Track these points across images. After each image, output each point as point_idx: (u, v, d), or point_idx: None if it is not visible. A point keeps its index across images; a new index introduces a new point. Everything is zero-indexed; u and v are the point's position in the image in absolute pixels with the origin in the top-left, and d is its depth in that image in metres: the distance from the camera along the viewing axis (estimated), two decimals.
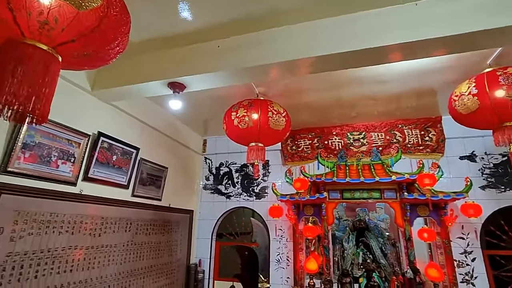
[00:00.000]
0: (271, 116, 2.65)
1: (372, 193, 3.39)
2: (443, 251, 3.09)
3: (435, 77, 2.81)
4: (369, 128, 3.90)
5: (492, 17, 1.76)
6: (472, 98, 2.24)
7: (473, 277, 3.13)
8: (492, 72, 2.19)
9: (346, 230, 3.77)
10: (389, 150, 3.73)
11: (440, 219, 3.13)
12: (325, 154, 3.97)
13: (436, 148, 3.60)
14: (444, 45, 1.90)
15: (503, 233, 3.28)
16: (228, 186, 4.31)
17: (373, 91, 3.10)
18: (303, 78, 2.92)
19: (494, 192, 3.32)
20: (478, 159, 3.47)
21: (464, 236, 3.26)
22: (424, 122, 3.71)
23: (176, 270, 3.73)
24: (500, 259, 3.23)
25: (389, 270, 3.28)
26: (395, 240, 3.55)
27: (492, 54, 2.37)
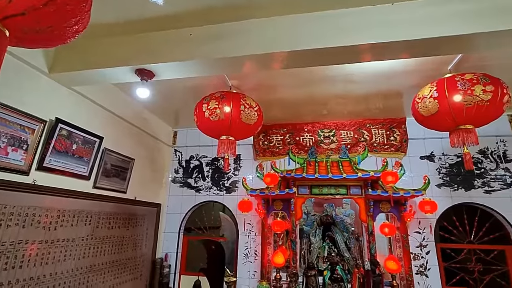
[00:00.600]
0: (243, 110, 2.62)
1: (339, 189, 3.50)
2: (401, 245, 3.28)
3: (401, 79, 2.94)
4: (339, 126, 4.01)
5: (455, 25, 1.86)
6: (433, 101, 2.36)
7: (427, 268, 3.36)
8: (451, 78, 2.32)
9: (313, 224, 3.88)
10: (356, 148, 3.87)
11: (400, 214, 3.31)
12: (296, 150, 4.02)
13: (399, 147, 3.79)
14: (410, 48, 1.99)
15: (454, 228, 3.55)
16: (198, 179, 4.23)
17: (344, 90, 3.18)
18: (277, 74, 2.91)
19: (449, 190, 3.57)
20: (436, 159, 3.71)
21: (421, 231, 3.48)
22: (389, 122, 3.88)
23: (141, 265, 3.61)
24: (451, 251, 3.49)
25: (352, 263, 3.42)
26: (358, 234, 3.70)
27: (452, 60, 2.51)
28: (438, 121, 2.46)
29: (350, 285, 3.13)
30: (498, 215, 3.42)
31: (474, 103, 2.19)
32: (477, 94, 2.18)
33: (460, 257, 3.45)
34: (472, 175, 3.57)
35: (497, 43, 1.93)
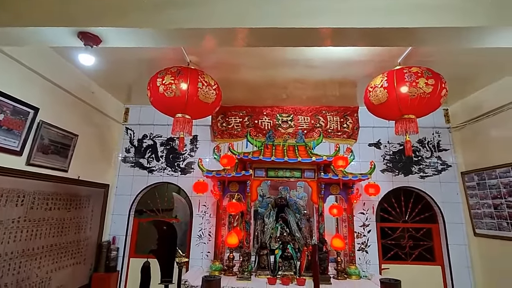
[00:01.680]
0: (201, 88, 2.51)
1: (294, 173, 3.62)
2: (347, 225, 3.54)
3: (356, 69, 3.06)
4: (297, 111, 4.09)
5: (404, 18, 1.95)
6: (383, 90, 2.51)
7: (368, 245, 3.69)
8: (400, 70, 2.48)
9: (268, 206, 3.98)
10: (312, 133, 4.00)
11: (347, 197, 3.55)
12: (255, 133, 4.03)
13: (351, 134, 4.01)
14: (365, 36, 2.04)
15: (392, 209, 3.93)
16: (151, 160, 4.03)
17: (304, 75, 3.22)
18: (239, 53, 2.83)
19: (390, 175, 3.91)
20: (382, 146, 4.02)
21: (364, 212, 3.78)
22: (344, 110, 4.07)
23: (84, 249, 3.37)
24: (388, 230, 3.87)
25: (303, 242, 3.61)
26: (309, 215, 3.90)
27: (402, 53, 2.67)
28: (386, 110, 2.63)
29: (299, 262, 3.30)
30: (429, 197, 3.86)
31: (418, 95, 2.37)
32: (421, 86, 2.36)
33: (396, 235, 3.85)
34: (411, 162, 3.95)
35: (438, 39, 2.09)
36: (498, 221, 3.34)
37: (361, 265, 3.57)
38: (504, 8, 1.94)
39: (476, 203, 3.64)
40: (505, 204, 3.24)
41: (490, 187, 3.44)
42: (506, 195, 3.22)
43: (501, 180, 3.29)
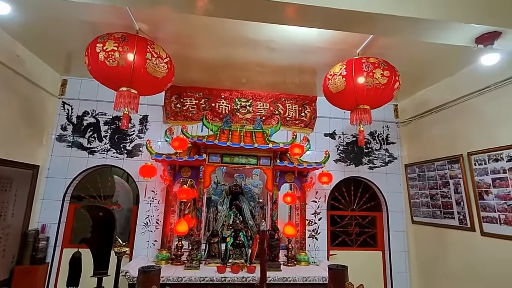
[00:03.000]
0: (149, 59, 2.24)
1: (250, 159, 3.52)
2: (299, 212, 3.57)
3: (316, 56, 3.01)
4: (256, 97, 3.97)
5: (370, 2, 1.92)
6: (342, 79, 2.50)
7: (318, 232, 3.78)
8: (359, 59, 2.49)
9: (222, 194, 3.85)
10: (270, 120, 3.93)
11: (301, 185, 3.57)
12: (211, 116, 3.83)
13: (308, 123, 4.02)
14: (328, 18, 1.97)
15: (342, 198, 4.07)
16: (92, 140, 3.59)
17: (265, 58, 3.09)
18: (196, 27, 2.59)
19: (343, 165, 4.03)
20: (337, 137, 4.11)
21: (317, 200, 3.85)
22: (302, 99, 4.06)
23: (4, 238, 2.90)
24: (337, 218, 4.01)
25: (255, 230, 3.56)
26: (264, 203, 3.87)
27: (362, 43, 2.68)
28: (344, 99, 2.63)
29: (251, 249, 3.25)
30: (375, 187, 4.07)
31: (373, 85, 2.40)
32: (377, 77, 2.39)
33: (344, 222, 4.01)
34: (362, 153, 4.11)
35: (396, 28, 2.11)
36: (432, 210, 3.64)
37: (311, 252, 3.65)
38: (452, 4, 2.01)
39: (416, 193, 3.93)
40: (439, 194, 3.54)
41: (428, 178, 3.72)
42: (441, 186, 3.52)
43: (438, 173, 3.57)
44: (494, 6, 2.05)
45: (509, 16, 2.04)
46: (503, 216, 2.78)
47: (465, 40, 2.19)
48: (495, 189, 2.86)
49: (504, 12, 2.04)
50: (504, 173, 2.78)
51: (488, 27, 2.01)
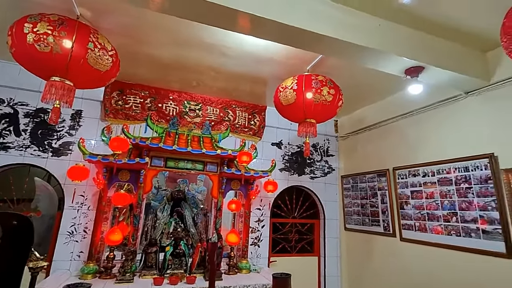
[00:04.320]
0: (92, 49, 2.01)
1: (196, 165, 3.41)
2: (243, 220, 3.57)
3: (269, 67, 3.10)
4: (206, 101, 3.89)
5: (323, 25, 2.06)
6: (292, 92, 2.61)
7: (260, 240, 3.83)
8: (309, 76, 2.63)
9: (163, 200, 3.63)
10: (219, 126, 3.88)
11: (247, 192, 3.58)
12: (157, 117, 3.61)
13: (257, 132, 4.09)
14: (281, 32, 2.05)
15: (285, 206, 4.22)
16: (7, 134, 3.04)
17: (218, 63, 3.05)
18: (148, 23, 2.43)
19: (287, 174, 4.19)
20: (283, 147, 4.26)
21: (261, 208, 3.91)
22: (253, 107, 4.12)
23: None
24: (279, 225, 4.14)
25: (197, 238, 3.44)
26: (207, 210, 3.77)
27: (312, 61, 2.85)
28: (293, 111, 2.74)
29: (192, 259, 3.12)
30: (315, 196, 4.33)
31: (320, 101, 2.56)
32: (324, 94, 2.55)
33: (285, 229, 4.15)
34: (305, 164, 4.34)
35: (343, 52, 2.30)
36: (362, 218, 4.02)
37: (252, 259, 3.67)
38: (390, 37, 2.28)
39: (349, 202, 4.30)
40: (369, 204, 3.93)
41: (360, 189, 4.11)
42: (371, 196, 3.91)
43: (368, 184, 3.97)
44: (420, 45, 2.40)
45: (430, 55, 2.41)
46: (418, 223, 3.21)
47: (397, 70, 2.51)
48: (413, 200, 3.30)
49: (427, 51, 2.41)
50: (420, 186, 3.23)
51: (415, 62, 2.34)
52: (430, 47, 2.45)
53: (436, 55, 2.44)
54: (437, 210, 3.02)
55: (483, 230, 2.60)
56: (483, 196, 2.63)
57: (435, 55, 2.44)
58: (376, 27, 2.25)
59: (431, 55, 2.40)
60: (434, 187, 3.08)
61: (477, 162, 2.70)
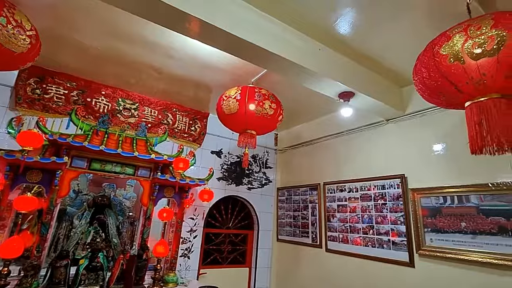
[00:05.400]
0: (3, 25, 1.71)
1: (126, 168, 3.13)
2: (174, 230, 3.38)
3: (214, 75, 3.07)
4: (145, 101, 3.64)
5: (269, 41, 2.13)
6: (235, 102, 2.61)
7: (191, 251, 3.66)
8: (252, 88, 2.68)
9: (82, 206, 3.22)
10: (157, 129, 3.66)
11: (181, 201, 3.42)
12: (83, 113, 3.22)
13: (197, 138, 3.97)
14: (228, 42, 2.06)
15: (220, 216, 4.15)
16: None
17: (162, 64, 2.90)
18: (82, 11, 2.19)
19: (225, 183, 4.14)
20: (223, 156, 4.22)
21: (194, 217, 3.77)
22: (194, 113, 4.01)
23: None
24: (212, 236, 4.03)
25: (119, 249, 3.11)
26: (135, 218, 3.47)
27: (257, 74, 2.92)
28: (234, 121, 2.74)
29: (111, 272, 2.80)
30: (251, 207, 4.36)
31: (262, 114, 2.61)
32: (266, 107, 2.62)
33: (218, 240, 4.06)
34: (243, 174, 4.36)
35: (286, 70, 2.41)
36: (293, 229, 4.19)
37: (181, 272, 3.48)
38: (328, 62, 2.48)
39: (282, 213, 4.44)
40: (300, 216, 4.12)
41: (293, 201, 4.30)
42: (303, 209, 4.11)
43: (301, 197, 4.18)
44: (353, 73, 2.66)
45: (360, 83, 2.68)
46: (341, 235, 3.48)
47: (332, 93, 2.73)
48: (339, 214, 3.57)
49: (358, 80, 2.68)
50: (345, 201, 3.53)
51: (347, 87, 2.57)
52: (361, 76, 2.73)
53: (365, 84, 2.73)
54: (358, 223, 3.32)
55: (393, 241, 2.94)
56: (394, 212, 2.98)
57: (364, 84, 2.73)
58: (317, 51, 2.43)
59: (361, 83, 2.68)
60: (357, 202, 3.39)
61: (391, 181, 3.07)
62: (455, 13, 1.90)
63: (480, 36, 1.46)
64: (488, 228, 2.28)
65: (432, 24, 2.10)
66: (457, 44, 1.52)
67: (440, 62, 1.59)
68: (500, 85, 1.50)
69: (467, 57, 1.49)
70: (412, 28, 2.20)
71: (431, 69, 1.66)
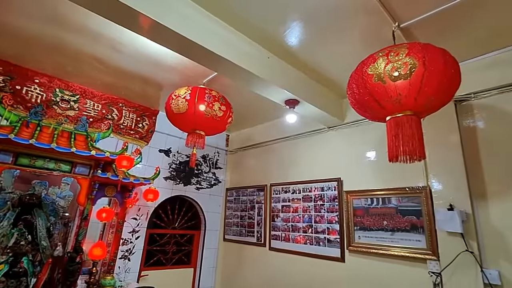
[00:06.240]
0: None
1: (61, 165, 2.90)
2: (115, 231, 3.22)
3: (165, 73, 3.02)
4: (87, 93, 3.40)
5: (219, 45, 2.18)
6: (184, 102, 2.60)
7: (132, 252, 3.52)
8: (203, 89, 2.69)
9: (6, 205, 2.88)
10: (100, 124, 3.45)
11: (123, 200, 3.27)
12: (11, 102, 2.90)
13: (144, 136, 3.84)
14: (178, 43, 2.07)
15: (166, 216, 4.05)
16: None
17: (107, 56, 2.76)
18: None
19: (172, 183, 4.06)
20: (171, 155, 4.13)
21: (138, 217, 3.63)
22: (143, 110, 3.86)
23: None
24: (157, 236, 3.92)
25: (49, 252, 2.86)
26: (69, 219, 3.21)
27: (208, 75, 2.95)
28: (183, 121, 2.73)
29: (37, 278, 2.57)
30: (198, 207, 4.35)
31: (211, 115, 2.65)
32: (215, 109, 2.66)
33: (163, 241, 3.97)
34: (192, 174, 4.32)
35: (235, 75, 2.49)
36: (240, 229, 4.29)
37: (120, 274, 3.32)
38: (273, 70, 2.62)
39: (230, 214, 4.52)
40: (247, 216, 4.24)
41: (241, 202, 4.40)
42: (249, 209, 4.24)
43: (249, 198, 4.30)
44: (298, 82, 2.85)
45: (305, 92, 2.89)
46: (284, 234, 3.67)
47: (279, 99, 2.89)
48: (282, 214, 3.77)
49: (303, 89, 2.88)
50: (289, 202, 3.73)
51: (292, 95, 2.75)
52: (306, 86, 2.94)
53: (310, 93, 2.95)
54: (299, 223, 3.54)
55: (328, 239, 3.21)
56: (331, 212, 3.26)
57: (309, 93, 2.94)
58: (266, 59, 2.55)
59: (306, 92, 2.89)
60: (299, 203, 3.62)
61: (329, 183, 3.35)
62: (386, 37, 2.17)
63: (398, 61, 1.70)
64: (403, 225, 2.64)
65: (366, 45, 2.37)
66: (380, 66, 1.76)
67: (367, 80, 1.82)
68: (411, 105, 1.77)
69: (388, 78, 1.73)
70: (351, 47, 2.45)
71: (360, 86, 1.89)
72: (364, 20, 2.16)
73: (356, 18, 2.15)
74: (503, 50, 2.37)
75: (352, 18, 2.15)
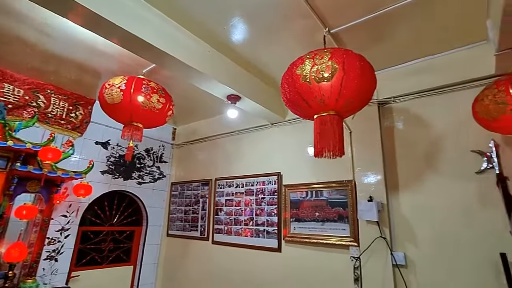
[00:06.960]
0: None
1: None
2: (38, 229, 2.95)
3: (102, 60, 2.84)
4: (7, 77, 3.02)
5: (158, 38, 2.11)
6: (119, 92, 2.47)
7: (60, 252, 3.25)
8: (140, 80, 2.58)
9: None
10: (22, 111, 3.10)
11: (50, 196, 3.00)
12: None
13: (78, 127, 3.55)
14: (116, 34, 1.97)
15: (102, 212, 3.82)
16: None
17: (34, 38, 2.50)
18: None
19: (110, 177, 3.84)
20: (110, 147, 3.90)
21: (68, 214, 3.36)
22: (77, 98, 3.57)
23: None
24: (91, 234, 3.69)
25: None
26: None
27: (148, 66, 2.84)
28: (118, 112, 2.59)
29: None
30: (140, 202, 4.18)
31: (149, 107, 2.56)
32: (153, 101, 2.57)
33: (98, 239, 3.74)
34: (134, 168, 4.13)
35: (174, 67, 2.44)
36: (183, 224, 4.24)
37: (45, 277, 3.06)
38: (214, 66, 2.63)
39: (174, 209, 4.43)
40: (191, 210, 4.20)
41: (186, 196, 4.34)
42: (194, 203, 4.20)
43: (193, 192, 4.26)
44: (240, 78, 2.90)
45: (247, 88, 2.95)
46: (226, 227, 3.73)
47: (221, 94, 2.90)
48: (226, 207, 3.81)
49: (245, 85, 2.93)
50: (232, 196, 3.79)
51: (233, 91, 2.79)
52: (247, 82, 3.00)
53: (251, 90, 3.02)
54: (241, 216, 3.62)
55: (267, 231, 3.34)
56: (270, 205, 3.40)
57: (251, 89, 3.01)
58: (206, 53, 2.54)
59: (247, 89, 2.95)
60: (241, 197, 3.70)
61: (270, 178, 3.48)
62: (320, 41, 2.30)
63: (322, 64, 1.84)
64: (332, 216, 2.88)
65: (302, 47, 2.49)
66: (307, 67, 1.88)
67: (296, 80, 1.93)
68: (333, 105, 1.93)
69: (313, 79, 1.85)
70: (288, 47, 2.56)
71: (290, 86, 1.99)
72: (300, 23, 2.27)
73: (292, 21, 2.26)
74: (421, 59, 2.69)
75: (289, 20, 2.25)
